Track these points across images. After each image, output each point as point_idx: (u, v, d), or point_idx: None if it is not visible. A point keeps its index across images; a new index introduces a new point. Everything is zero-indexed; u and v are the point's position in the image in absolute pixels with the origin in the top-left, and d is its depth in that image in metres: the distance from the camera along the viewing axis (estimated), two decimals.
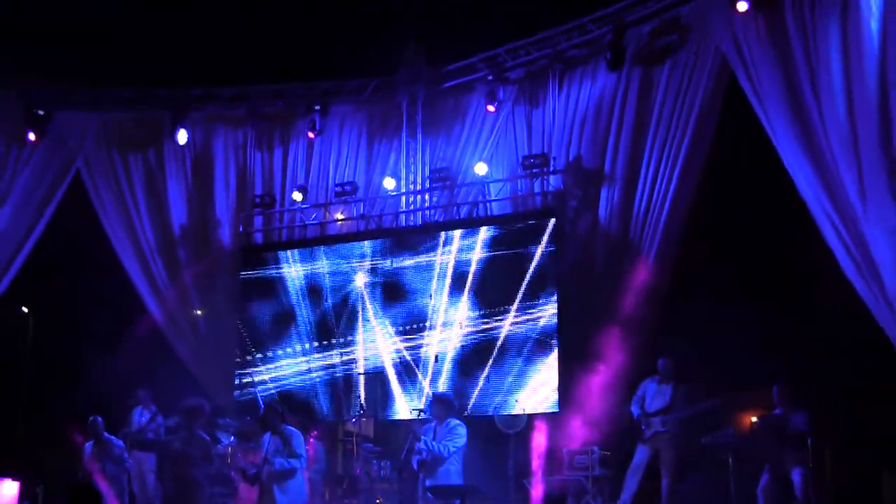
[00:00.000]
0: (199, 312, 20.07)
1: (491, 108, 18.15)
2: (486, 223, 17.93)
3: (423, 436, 13.50)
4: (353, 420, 17.32)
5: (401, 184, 19.17)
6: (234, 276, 19.94)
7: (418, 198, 19.14)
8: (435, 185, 18.82)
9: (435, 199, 18.93)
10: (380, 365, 18.37)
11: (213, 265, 20.20)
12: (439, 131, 19.21)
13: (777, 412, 14.00)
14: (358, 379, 18.55)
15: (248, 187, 20.33)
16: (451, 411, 13.94)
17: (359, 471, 16.10)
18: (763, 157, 14.63)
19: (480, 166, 18.03)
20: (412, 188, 19.17)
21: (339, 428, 18.27)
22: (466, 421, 14.91)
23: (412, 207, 19.18)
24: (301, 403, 18.78)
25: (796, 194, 14.14)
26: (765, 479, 13.85)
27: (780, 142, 14.31)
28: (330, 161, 20.01)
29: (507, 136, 18.40)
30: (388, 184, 19.03)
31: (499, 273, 17.51)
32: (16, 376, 18.60)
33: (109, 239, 20.24)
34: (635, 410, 15.27)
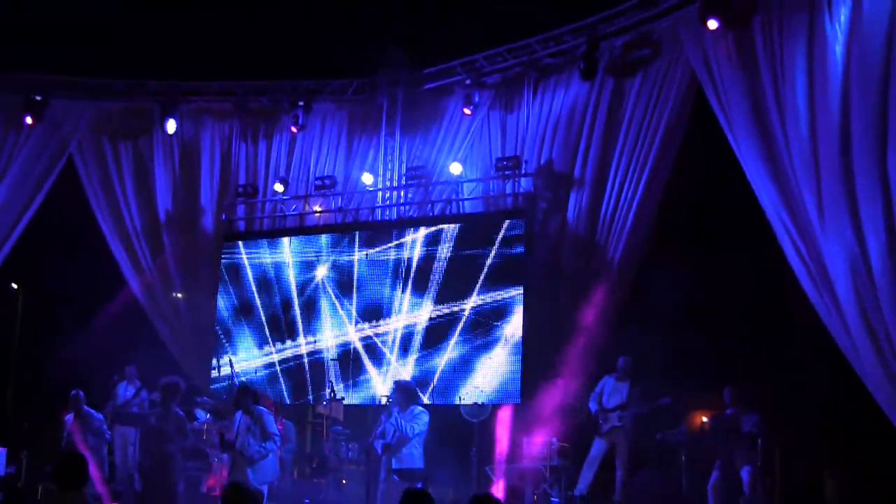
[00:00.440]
0: (179, 296, 19.90)
1: (467, 111, 18.00)
2: (458, 221, 17.79)
3: (398, 415, 13.61)
4: (323, 403, 17.18)
5: (378, 180, 19.02)
6: (215, 261, 19.75)
7: (394, 194, 19.00)
8: (411, 182, 18.65)
9: (410, 196, 18.79)
10: (349, 351, 18.22)
11: (195, 250, 20.01)
12: (417, 131, 19.06)
13: (729, 412, 13.97)
14: (328, 364, 18.34)
15: (232, 177, 20.17)
16: (413, 399, 14.14)
17: (328, 451, 16.02)
18: (727, 170, 14.45)
19: (455, 166, 17.88)
20: (389, 184, 19.02)
21: (309, 410, 18.11)
22: (432, 409, 14.91)
23: (388, 203, 19.02)
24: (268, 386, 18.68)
25: (757, 207, 13.95)
26: (715, 476, 13.85)
27: (744, 156, 14.09)
28: (311, 155, 19.84)
29: (482, 139, 18.25)
30: (367, 179, 18.87)
31: (465, 267, 17.35)
32: (5, 350, 18.46)
33: (98, 222, 20.07)
34: (593, 406, 15.25)
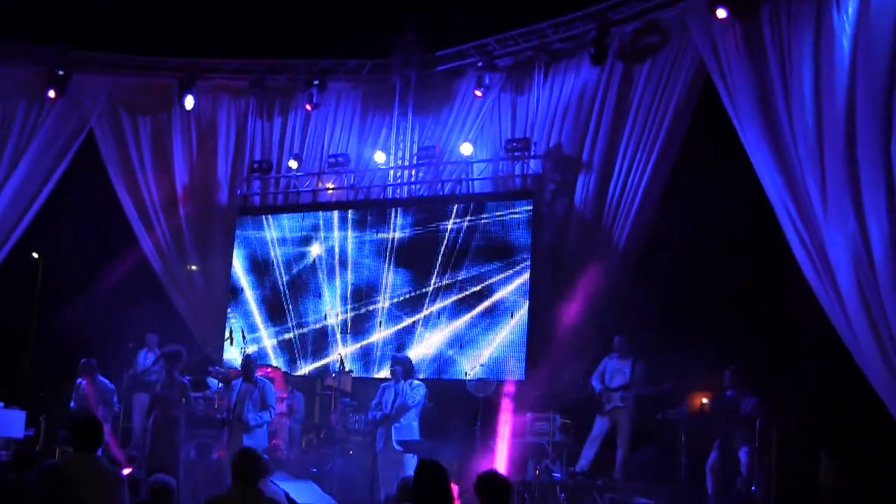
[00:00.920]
0: (194, 268, 19.84)
1: (479, 93, 17.81)
2: (467, 200, 17.66)
3: (396, 387, 13.76)
4: (332, 375, 17.17)
5: (390, 158, 18.86)
6: (229, 235, 19.70)
7: (405, 172, 18.85)
8: (422, 161, 18.52)
9: (421, 175, 18.67)
10: (359, 327, 18.15)
11: (210, 224, 19.99)
12: (429, 111, 18.87)
13: (729, 394, 13.93)
14: (335, 337, 18.29)
15: (248, 153, 20.04)
16: (410, 373, 14.25)
17: (335, 422, 16.01)
18: (733, 157, 14.32)
19: (466, 147, 17.75)
20: (400, 163, 18.88)
21: (318, 382, 18.07)
22: (438, 384, 14.92)
23: (399, 181, 18.89)
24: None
25: (762, 194, 13.86)
26: (714, 457, 13.83)
27: (750, 144, 13.97)
28: (325, 133, 19.67)
29: (493, 120, 18.07)
30: (379, 158, 18.71)
31: (473, 246, 17.31)
32: (25, 317, 18.44)
33: (117, 194, 19.97)
34: (596, 385, 15.24)
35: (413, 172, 18.78)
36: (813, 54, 13.32)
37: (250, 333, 19.08)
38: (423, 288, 17.65)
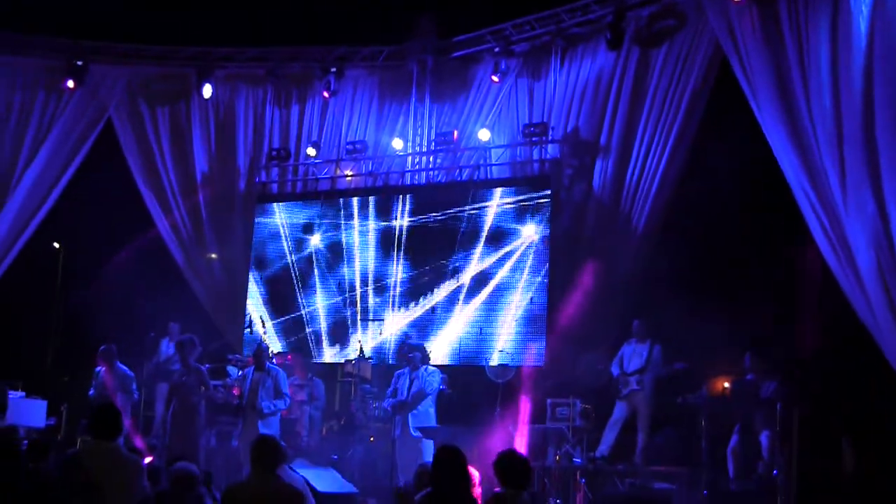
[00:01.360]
0: (213, 256, 19.87)
1: (495, 78, 17.77)
2: (485, 186, 17.65)
3: (414, 374, 13.80)
4: (351, 362, 17.18)
5: (408, 145, 18.85)
6: (248, 223, 19.74)
7: (423, 159, 18.85)
8: (439, 147, 18.50)
9: (439, 161, 18.65)
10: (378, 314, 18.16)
11: (229, 212, 20.02)
12: (446, 97, 18.85)
13: (749, 378, 13.88)
14: (355, 324, 18.33)
15: (266, 141, 20.03)
16: (425, 359, 14.28)
17: (355, 409, 16.04)
18: (750, 141, 14.27)
19: (483, 132, 17.73)
20: (418, 149, 18.86)
21: (338, 369, 18.09)
22: (459, 370, 14.92)
23: (417, 167, 18.89)
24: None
25: (780, 177, 13.81)
26: (734, 440, 13.82)
27: (768, 127, 13.90)
28: (343, 120, 19.64)
29: (510, 106, 18.04)
30: (396, 144, 18.68)
31: (492, 231, 17.34)
32: (46, 306, 18.51)
33: (136, 182, 20.02)
34: (615, 370, 15.26)
35: (431, 159, 18.76)
36: (830, 36, 13.27)
37: (271, 320, 19.13)
38: (441, 274, 17.67)
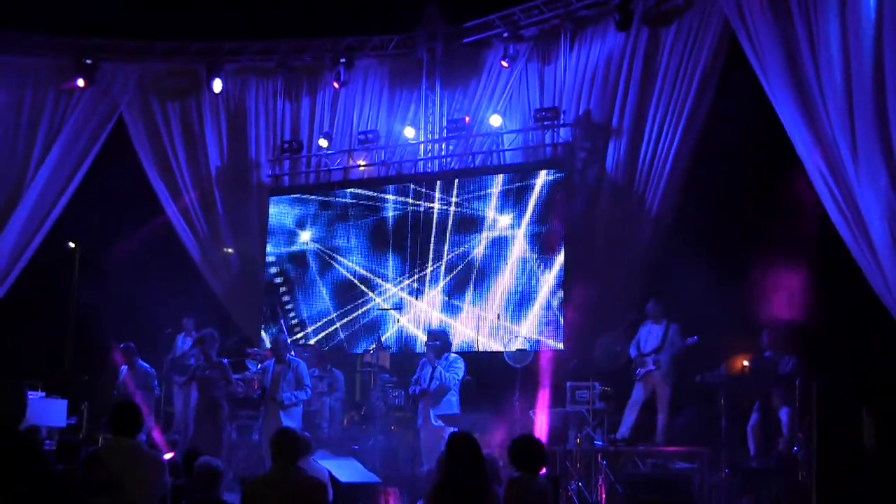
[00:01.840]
0: (229, 251, 19.97)
1: (505, 63, 17.82)
2: (499, 171, 17.70)
3: (437, 365, 13.74)
4: (370, 352, 17.21)
5: (420, 133, 18.88)
6: (262, 215, 19.84)
7: (436, 146, 18.87)
8: (452, 134, 18.50)
9: (451, 148, 18.67)
10: (397, 302, 18.21)
11: (243, 205, 20.13)
12: (457, 84, 18.89)
13: (767, 355, 13.87)
14: (375, 315, 18.42)
15: (278, 134, 20.13)
16: (447, 346, 14.22)
17: (375, 399, 16.06)
18: (762, 118, 14.26)
19: (495, 118, 17.75)
20: (430, 137, 18.89)
21: (357, 359, 18.13)
22: (477, 356, 14.93)
23: (430, 155, 18.91)
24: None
25: (793, 153, 13.81)
26: (754, 418, 13.80)
27: (779, 104, 13.88)
28: (354, 111, 19.71)
29: (521, 91, 18.07)
30: (409, 133, 18.72)
31: (507, 216, 17.39)
32: (64, 306, 18.56)
33: (149, 179, 20.16)
34: (633, 352, 15.22)
35: (443, 146, 18.79)
36: (839, 10, 13.23)
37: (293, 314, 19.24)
38: (455, 260, 17.73)
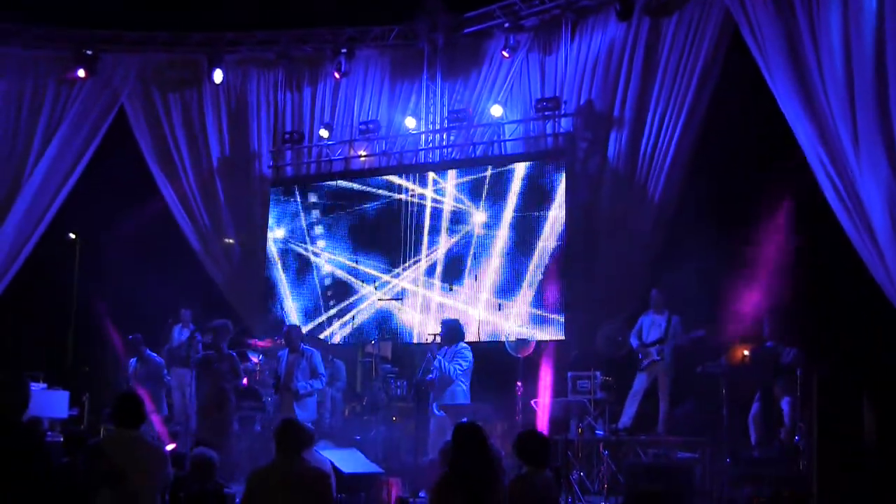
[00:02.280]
0: (230, 241, 19.98)
1: (506, 53, 17.83)
2: (500, 162, 17.68)
3: (438, 355, 13.73)
4: (371, 343, 17.25)
5: (421, 123, 18.89)
6: (264, 206, 19.86)
7: (437, 136, 18.89)
8: (453, 125, 18.52)
9: (452, 138, 18.68)
10: (399, 292, 18.23)
11: (245, 196, 20.17)
12: (458, 75, 18.89)
13: (768, 345, 13.91)
14: (375, 306, 18.42)
15: (279, 124, 20.13)
16: (459, 336, 14.16)
17: (377, 389, 16.10)
18: (763, 108, 14.28)
19: (496, 108, 17.78)
20: (431, 127, 18.91)
21: (358, 349, 18.16)
22: (478, 345, 14.91)
23: (431, 145, 18.93)
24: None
25: (794, 143, 13.83)
26: (756, 408, 13.85)
27: (780, 93, 13.90)
28: (355, 101, 19.70)
29: (522, 81, 18.08)
30: (409, 123, 18.75)
31: (509, 207, 17.36)
32: (65, 298, 18.58)
33: (151, 170, 20.20)
34: (634, 342, 15.33)
35: (445, 136, 18.80)
36: (841, 0, 13.27)
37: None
38: (457, 249, 17.75)
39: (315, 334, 18.25)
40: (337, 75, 19.45)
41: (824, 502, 11.87)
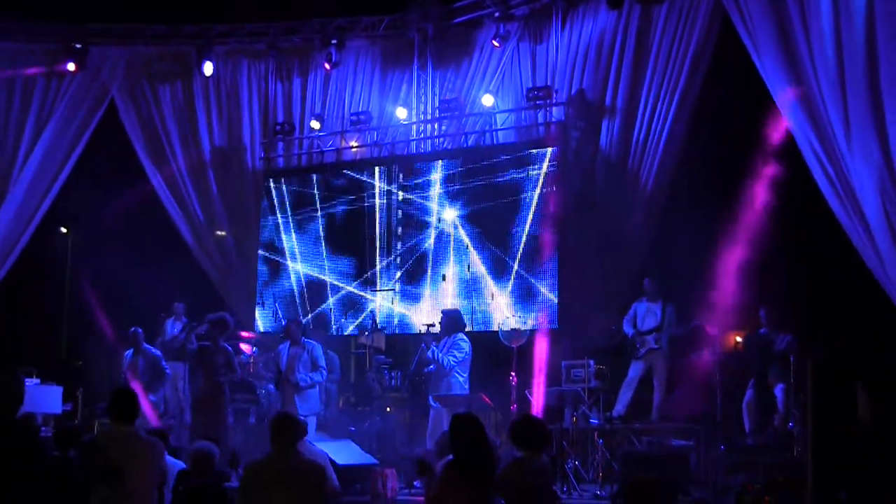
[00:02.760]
0: (222, 234, 19.98)
1: (496, 43, 17.76)
2: (492, 151, 17.64)
3: (433, 345, 13.72)
4: (365, 334, 17.24)
5: (412, 113, 18.87)
6: (257, 198, 19.81)
7: (428, 126, 18.86)
8: (444, 114, 18.47)
9: (444, 128, 18.65)
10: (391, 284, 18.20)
11: (237, 188, 20.15)
12: (448, 64, 18.83)
13: (763, 332, 13.96)
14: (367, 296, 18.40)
15: (270, 116, 20.09)
16: (459, 326, 14.14)
17: (371, 381, 16.10)
18: (755, 95, 14.28)
19: (487, 98, 17.73)
20: (422, 117, 18.88)
21: (352, 341, 18.18)
22: (473, 335, 14.91)
23: (423, 135, 18.90)
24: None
25: (785, 129, 13.88)
26: (749, 395, 13.89)
27: (771, 80, 13.91)
28: (345, 92, 19.66)
29: (513, 70, 18.03)
30: (401, 113, 18.73)
31: (502, 196, 17.26)
32: (58, 292, 18.59)
33: (142, 163, 20.15)
34: (628, 330, 15.34)
35: (436, 126, 18.76)
36: None
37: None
38: (449, 240, 17.72)
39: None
40: (327, 66, 19.39)
41: (819, 489, 11.89)
